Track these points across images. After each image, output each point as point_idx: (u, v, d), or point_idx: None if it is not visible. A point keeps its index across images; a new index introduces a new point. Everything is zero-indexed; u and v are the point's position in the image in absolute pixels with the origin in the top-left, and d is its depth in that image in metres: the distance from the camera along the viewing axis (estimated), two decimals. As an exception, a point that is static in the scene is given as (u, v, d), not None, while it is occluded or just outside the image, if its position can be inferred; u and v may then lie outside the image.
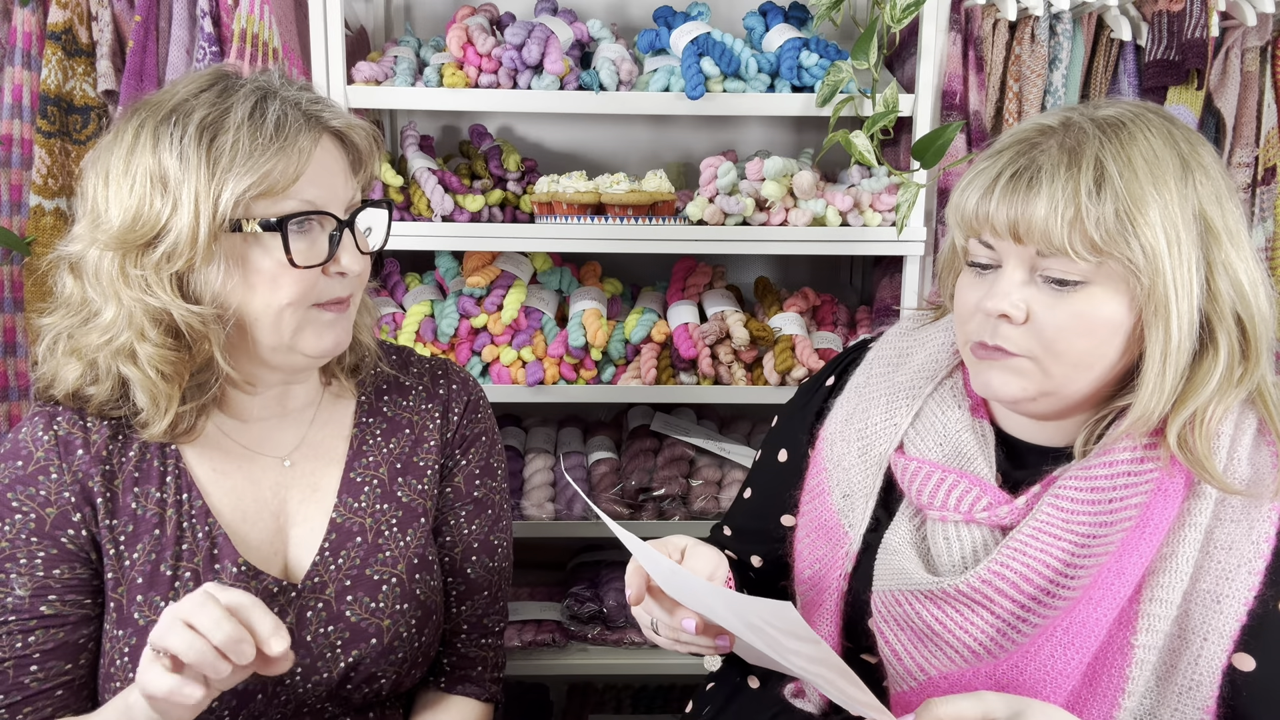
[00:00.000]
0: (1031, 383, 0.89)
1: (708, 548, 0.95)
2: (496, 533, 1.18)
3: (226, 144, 0.91)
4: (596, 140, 2.00)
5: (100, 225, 0.93)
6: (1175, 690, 0.86)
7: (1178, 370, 0.84)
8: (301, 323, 0.98)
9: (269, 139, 0.92)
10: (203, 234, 0.91)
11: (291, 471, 1.08)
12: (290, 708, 1.03)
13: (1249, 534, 0.85)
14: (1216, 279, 0.84)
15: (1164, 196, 0.82)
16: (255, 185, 0.91)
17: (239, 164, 0.91)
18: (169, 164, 0.91)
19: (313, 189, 0.95)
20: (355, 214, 1.00)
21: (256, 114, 0.93)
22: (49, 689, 0.97)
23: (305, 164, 0.94)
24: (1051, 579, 0.88)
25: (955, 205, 0.92)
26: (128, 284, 0.93)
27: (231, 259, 0.94)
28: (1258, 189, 1.64)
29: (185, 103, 0.93)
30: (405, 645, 1.06)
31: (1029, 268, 0.87)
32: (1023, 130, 0.90)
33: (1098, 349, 0.86)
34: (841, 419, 1.06)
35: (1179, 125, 0.88)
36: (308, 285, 0.97)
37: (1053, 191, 0.83)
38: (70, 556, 0.98)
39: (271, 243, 0.94)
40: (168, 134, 0.92)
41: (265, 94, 0.95)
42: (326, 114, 0.98)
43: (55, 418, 1.01)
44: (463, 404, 1.16)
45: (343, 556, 1.06)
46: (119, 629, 0.98)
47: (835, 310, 1.83)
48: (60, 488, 0.99)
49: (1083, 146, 0.84)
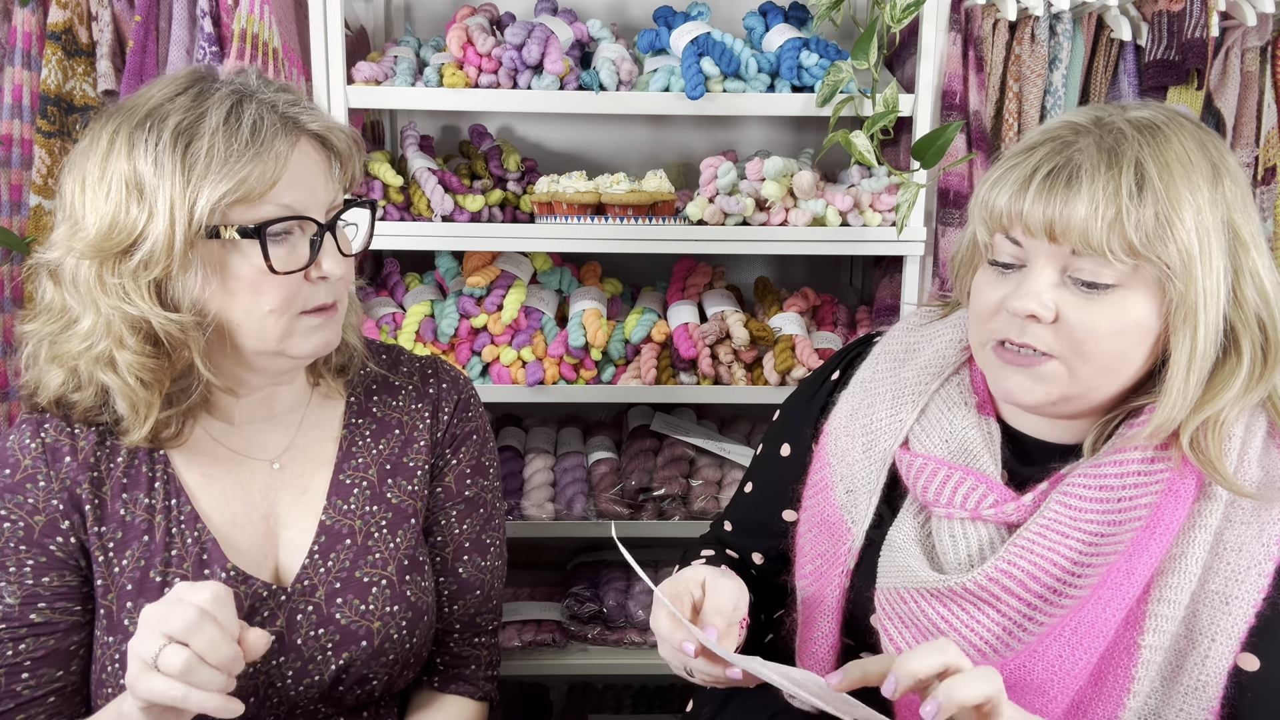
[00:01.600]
0: (1055, 388, 0.88)
1: (727, 579, 0.93)
2: (489, 532, 1.17)
3: (202, 150, 0.90)
4: (596, 140, 2.00)
5: (77, 233, 0.92)
6: (1181, 691, 0.86)
7: (1201, 376, 0.84)
8: (288, 330, 0.97)
9: (245, 144, 0.91)
10: (179, 241, 0.90)
11: (280, 474, 1.07)
12: (283, 710, 1.03)
13: (1259, 536, 0.85)
14: (1243, 286, 0.84)
15: (1198, 201, 0.82)
16: (231, 192, 0.90)
17: (214, 170, 0.89)
18: (144, 170, 0.90)
19: (291, 193, 0.94)
20: (336, 216, 0.99)
21: (232, 118, 0.91)
22: (41, 696, 0.97)
23: (282, 169, 0.92)
24: (1059, 578, 0.87)
25: (983, 201, 0.90)
26: (105, 292, 0.92)
27: (210, 266, 0.93)
28: (1258, 189, 1.64)
29: (160, 107, 0.92)
30: (396, 647, 1.05)
31: (1060, 268, 0.86)
32: (1054, 129, 0.88)
33: (1126, 353, 0.86)
34: (846, 414, 1.06)
35: (1207, 130, 0.87)
36: (290, 292, 0.95)
37: (1093, 191, 0.82)
38: (59, 564, 0.98)
39: (250, 249, 0.93)
40: (143, 140, 0.90)
41: (241, 97, 0.94)
42: (304, 116, 0.96)
43: (43, 425, 1.01)
44: (453, 403, 1.16)
45: (332, 559, 1.05)
46: (109, 635, 0.98)
47: (835, 310, 1.83)
48: (48, 495, 0.99)
49: (1121, 147, 0.83)
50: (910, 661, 0.77)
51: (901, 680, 0.78)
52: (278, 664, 1.01)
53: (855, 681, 0.80)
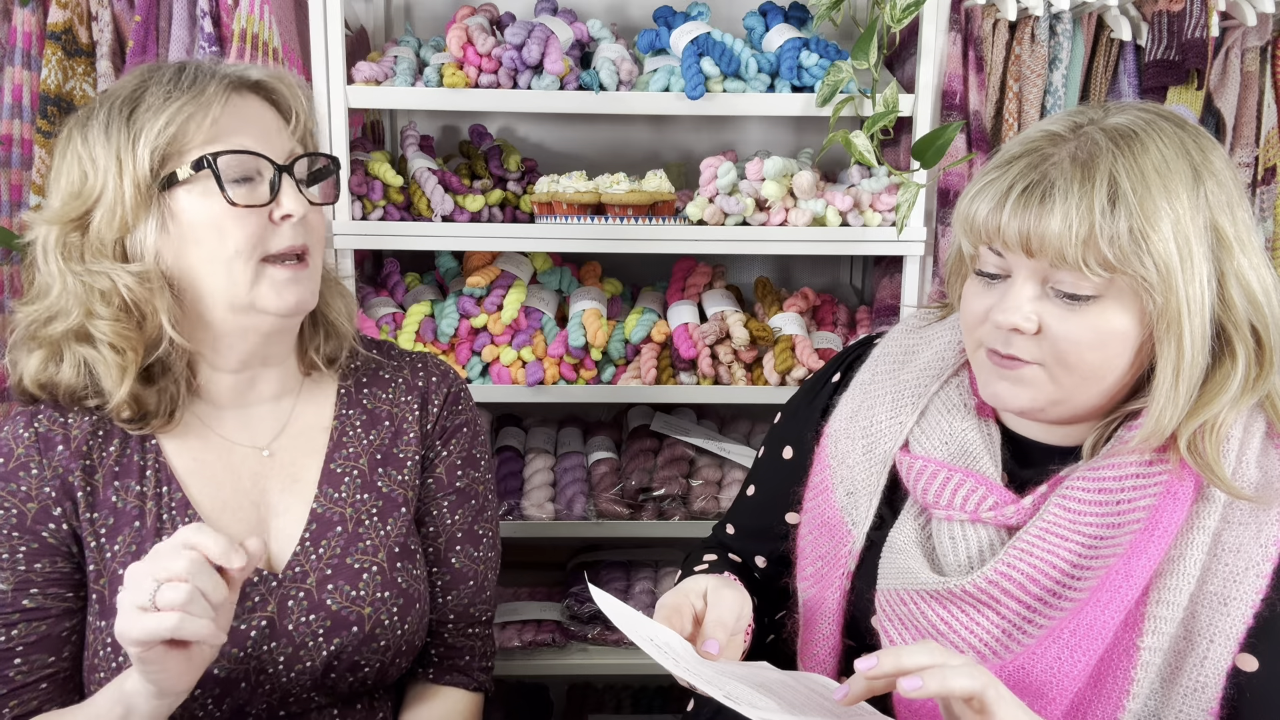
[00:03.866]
0: (1041, 393, 0.88)
1: (730, 589, 0.93)
2: (481, 523, 1.18)
3: (143, 108, 0.96)
4: (596, 140, 2.00)
5: (45, 210, 0.98)
6: (1180, 692, 0.86)
7: (1191, 385, 0.84)
8: (256, 277, 0.99)
9: (182, 92, 0.96)
10: (128, 191, 0.95)
11: (271, 462, 1.08)
12: (276, 697, 1.03)
13: (1257, 537, 0.85)
14: (1230, 289, 0.83)
15: (1176, 210, 0.81)
16: (165, 129, 0.94)
17: (153, 116, 0.95)
18: (94, 139, 0.96)
19: (243, 138, 0.98)
20: (294, 161, 1.01)
21: (171, 80, 0.97)
22: (33, 682, 0.98)
23: (219, 109, 0.96)
24: (1059, 580, 0.88)
25: (964, 215, 0.90)
26: (68, 257, 0.97)
27: (168, 214, 0.97)
28: (1258, 189, 1.64)
29: (115, 90, 0.98)
30: (388, 633, 1.06)
31: (1040, 280, 0.86)
32: (1032, 139, 0.88)
33: (1109, 361, 0.86)
34: (846, 416, 1.06)
35: (1189, 130, 0.86)
36: (253, 231, 0.98)
37: (1066, 209, 0.81)
38: (52, 550, 1.00)
39: (208, 187, 0.96)
40: (93, 117, 0.97)
41: (185, 66, 0.99)
42: (247, 72, 1.01)
43: (36, 416, 1.03)
44: (442, 396, 1.17)
45: (323, 546, 1.06)
46: (101, 620, 1.00)
47: (835, 310, 1.83)
48: (41, 483, 1.00)
49: (1095, 160, 0.83)
50: (902, 656, 0.77)
51: (884, 664, 0.76)
52: (269, 649, 1.01)
53: (860, 694, 0.79)
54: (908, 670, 0.76)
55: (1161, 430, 0.85)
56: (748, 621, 0.93)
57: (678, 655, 0.84)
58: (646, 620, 0.86)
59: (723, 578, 0.96)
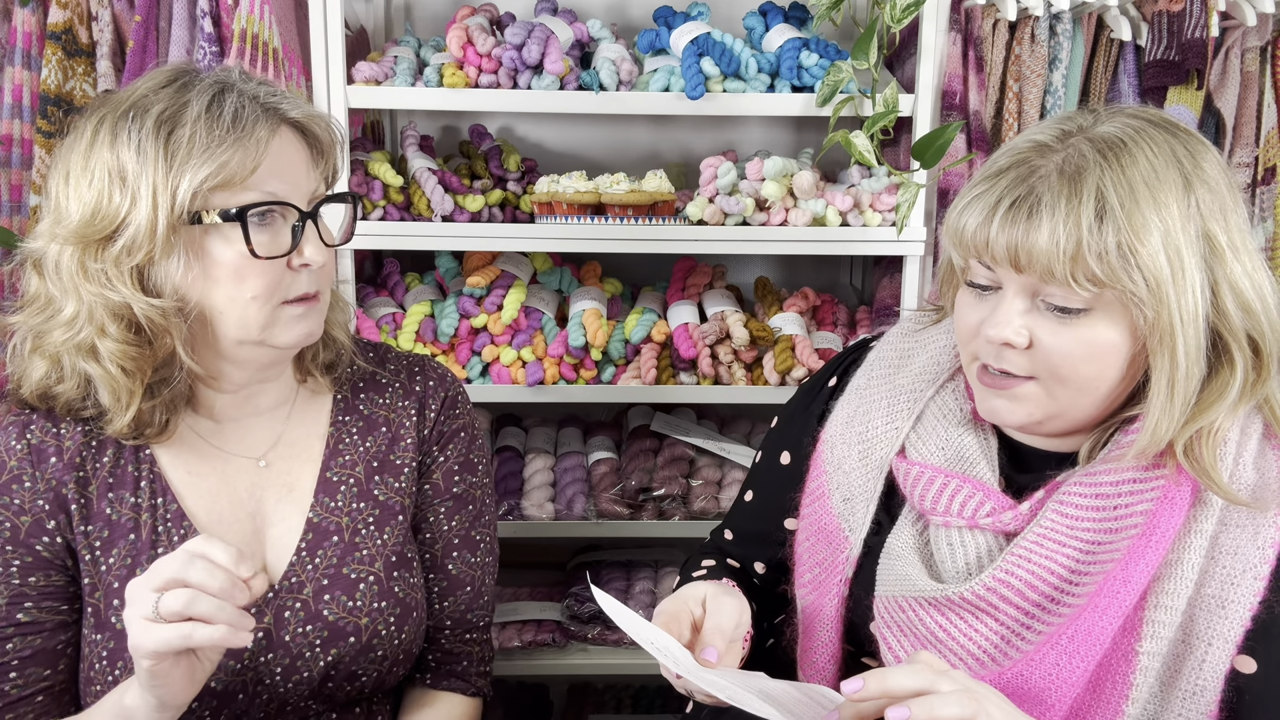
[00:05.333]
0: (1039, 408, 0.88)
1: (729, 596, 0.93)
2: (478, 528, 1.17)
3: (184, 137, 0.91)
4: (596, 140, 2.00)
5: (61, 222, 0.94)
6: (1179, 695, 0.86)
7: (1187, 395, 0.83)
8: (271, 319, 0.98)
9: (226, 130, 0.92)
10: (161, 226, 0.91)
11: (267, 472, 1.08)
12: (274, 707, 1.03)
13: (1254, 539, 0.85)
14: (1223, 298, 0.83)
15: (1166, 221, 0.80)
16: (213, 176, 0.91)
17: (196, 155, 0.91)
18: (127, 158, 0.91)
19: (273, 181, 0.95)
20: (318, 205, 1.00)
21: (214, 106, 0.93)
22: (29, 695, 0.97)
23: (263, 154, 0.94)
24: (1057, 586, 0.87)
25: (952, 228, 0.89)
26: (87, 279, 0.93)
27: (192, 252, 0.94)
28: (1258, 189, 1.64)
29: (144, 98, 0.94)
30: (385, 643, 1.06)
31: (1030, 294, 0.85)
32: (1020, 150, 0.87)
33: (1103, 373, 0.85)
34: (842, 421, 1.05)
35: (1180, 134, 0.85)
36: (273, 279, 0.96)
37: (1054, 225, 0.81)
38: (45, 564, 0.99)
39: (232, 234, 0.94)
40: (126, 129, 0.92)
41: (223, 88, 0.95)
42: (285, 105, 0.98)
43: (29, 426, 1.01)
44: (440, 400, 1.16)
45: (320, 556, 1.06)
46: (97, 633, 0.99)
47: (835, 310, 1.83)
48: (34, 496, 0.99)
49: (1082, 174, 0.82)
50: (888, 678, 0.75)
51: (870, 687, 0.75)
52: (266, 661, 1.01)
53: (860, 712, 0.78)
54: (894, 694, 0.74)
55: (1158, 441, 0.84)
56: (746, 629, 0.93)
57: (677, 659, 0.84)
58: (646, 624, 0.86)
59: (722, 584, 0.95)
